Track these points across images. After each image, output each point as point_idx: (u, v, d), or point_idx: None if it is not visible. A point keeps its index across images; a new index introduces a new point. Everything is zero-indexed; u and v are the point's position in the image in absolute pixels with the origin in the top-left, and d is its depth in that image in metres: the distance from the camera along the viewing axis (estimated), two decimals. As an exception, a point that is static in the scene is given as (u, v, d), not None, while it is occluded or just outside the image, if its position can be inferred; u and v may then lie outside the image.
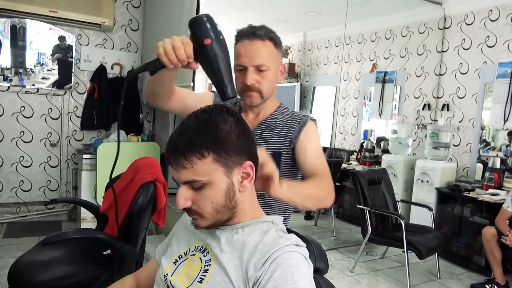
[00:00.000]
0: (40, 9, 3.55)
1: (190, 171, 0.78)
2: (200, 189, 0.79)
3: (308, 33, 5.92)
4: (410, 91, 4.47)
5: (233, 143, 0.79)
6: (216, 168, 0.78)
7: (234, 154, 0.80)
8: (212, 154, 0.78)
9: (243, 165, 0.82)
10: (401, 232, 2.94)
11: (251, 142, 0.84)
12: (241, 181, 0.82)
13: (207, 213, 0.81)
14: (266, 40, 1.20)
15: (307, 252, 0.82)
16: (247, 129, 0.84)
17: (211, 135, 0.77)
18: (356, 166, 4.55)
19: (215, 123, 0.79)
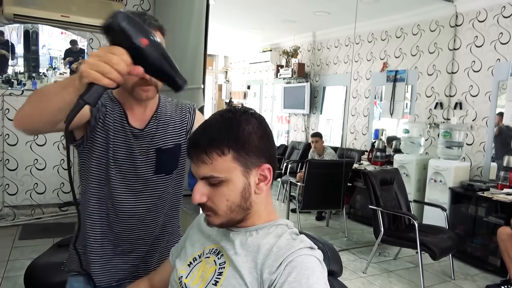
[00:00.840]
0: (52, 14, 3.60)
1: (209, 167, 0.79)
2: (217, 186, 0.80)
3: (318, 32, 5.90)
4: (422, 89, 4.43)
5: (254, 144, 0.80)
6: (235, 167, 0.80)
7: (253, 155, 0.80)
8: (232, 153, 0.79)
9: (261, 167, 0.82)
10: (414, 233, 2.91)
11: (271, 145, 0.85)
12: (257, 183, 0.83)
13: (221, 211, 0.82)
14: (157, 31, 1.06)
15: (321, 255, 0.81)
16: (269, 132, 0.85)
17: (233, 134, 0.79)
18: (368, 166, 4.52)
19: (238, 122, 0.80)
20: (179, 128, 1.20)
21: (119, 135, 1.10)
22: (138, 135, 1.13)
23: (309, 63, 6.09)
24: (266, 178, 0.83)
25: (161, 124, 1.16)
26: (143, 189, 1.16)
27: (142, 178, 1.14)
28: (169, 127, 1.18)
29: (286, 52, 6.31)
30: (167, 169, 1.18)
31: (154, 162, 1.14)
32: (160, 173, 1.16)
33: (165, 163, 1.17)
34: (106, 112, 1.08)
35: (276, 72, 6.58)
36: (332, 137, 5.81)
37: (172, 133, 1.18)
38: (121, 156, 1.12)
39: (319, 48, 5.95)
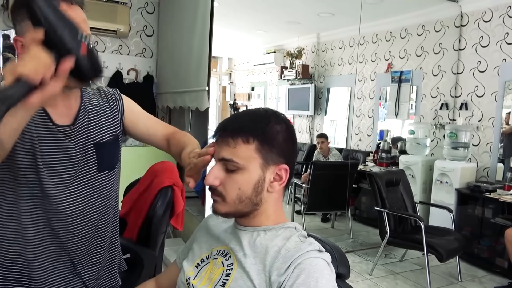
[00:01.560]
0: (57, 18, 3.62)
1: (231, 150, 0.81)
2: (232, 172, 0.82)
3: (322, 34, 5.89)
4: (427, 90, 4.40)
5: (278, 142, 0.83)
6: (255, 158, 0.81)
7: (275, 152, 0.83)
8: (256, 143, 0.81)
9: (279, 166, 0.84)
10: (421, 234, 2.89)
11: (293, 151, 0.87)
12: (272, 181, 0.84)
13: (230, 198, 0.82)
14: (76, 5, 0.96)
15: (329, 258, 0.81)
16: (294, 139, 0.88)
17: (262, 127, 0.82)
18: (373, 167, 4.50)
19: (268, 119, 0.84)
20: (111, 118, 1.11)
21: (47, 140, 0.96)
22: (70, 132, 1.00)
23: (313, 64, 6.08)
24: (281, 178, 0.85)
25: (92, 116, 1.05)
26: (90, 192, 1.05)
27: (86, 180, 1.03)
28: (102, 118, 1.08)
29: (290, 53, 6.31)
30: (110, 164, 1.09)
31: (95, 159, 1.04)
32: (104, 170, 1.07)
33: (107, 158, 1.07)
34: None
35: (280, 74, 6.58)
36: (337, 138, 5.80)
37: (107, 125, 1.09)
38: (56, 163, 0.98)
39: (323, 49, 5.95)
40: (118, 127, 1.12)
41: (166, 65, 3.99)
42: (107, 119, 1.09)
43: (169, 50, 3.89)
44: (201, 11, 3.08)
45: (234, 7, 4.61)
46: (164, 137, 1.20)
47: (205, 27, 2.99)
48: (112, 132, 1.09)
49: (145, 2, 4.15)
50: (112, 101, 1.12)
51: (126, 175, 3.29)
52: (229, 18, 5.02)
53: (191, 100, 3.28)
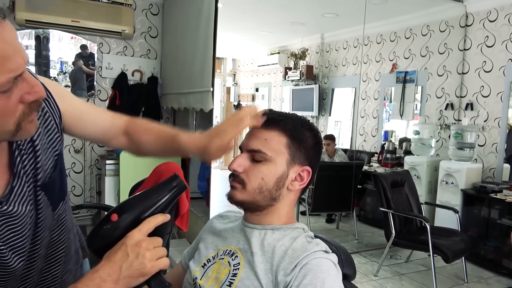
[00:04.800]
0: (63, 20, 3.64)
1: (261, 142, 0.84)
2: (258, 163, 0.84)
3: (326, 34, 5.88)
4: (432, 90, 4.38)
5: (308, 145, 0.86)
6: (283, 152, 0.84)
7: (303, 153, 0.85)
8: (288, 139, 0.84)
9: (303, 167, 0.86)
10: (426, 235, 2.88)
11: (318, 159, 0.90)
12: (293, 179, 0.86)
13: (250, 187, 0.84)
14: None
15: (336, 258, 0.81)
16: (321, 149, 0.91)
17: (296, 127, 0.85)
18: (378, 168, 4.48)
19: (302, 122, 0.88)
20: (48, 137, 0.80)
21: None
22: (9, 201, 0.71)
23: (318, 65, 6.07)
24: (302, 179, 0.87)
25: (25, 155, 0.74)
26: (56, 240, 0.85)
27: (44, 230, 0.79)
28: (38, 146, 0.77)
29: (294, 54, 6.30)
30: (63, 193, 0.85)
31: (47, 201, 0.79)
32: (58, 205, 0.83)
33: (58, 190, 0.83)
34: None
35: (284, 75, 6.57)
36: (341, 139, 5.78)
37: (46, 152, 0.79)
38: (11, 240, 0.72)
39: (327, 50, 5.94)
40: (58, 141, 0.83)
41: (171, 66, 4.00)
42: (44, 143, 0.79)
43: (174, 51, 3.90)
44: (205, 12, 3.08)
45: (238, 8, 4.61)
46: (123, 126, 0.95)
47: (209, 28, 3.00)
48: (54, 154, 0.81)
49: (149, 4, 4.16)
50: (44, 112, 0.79)
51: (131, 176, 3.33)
52: (233, 19, 5.02)
53: (195, 101, 3.29)
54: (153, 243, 0.67)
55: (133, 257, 0.64)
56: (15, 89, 0.60)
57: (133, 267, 0.64)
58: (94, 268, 0.65)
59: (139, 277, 0.65)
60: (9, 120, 0.62)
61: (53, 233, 0.83)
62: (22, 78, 0.61)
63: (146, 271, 0.65)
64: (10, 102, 0.60)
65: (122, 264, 0.64)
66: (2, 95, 0.59)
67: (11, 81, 0.59)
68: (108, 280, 0.63)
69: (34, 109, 0.66)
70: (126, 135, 0.95)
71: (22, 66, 0.60)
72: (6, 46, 0.58)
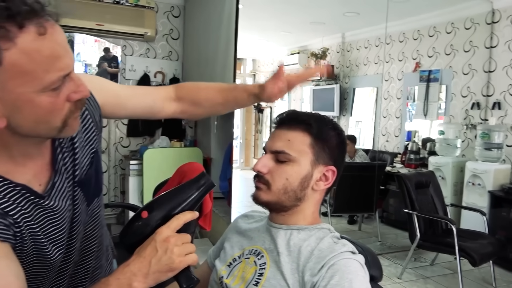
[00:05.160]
0: (87, 23, 3.73)
1: (285, 143, 0.84)
2: (282, 163, 0.84)
3: (347, 33, 5.83)
4: (457, 89, 4.28)
5: (332, 144, 0.86)
6: (307, 152, 0.84)
7: (327, 153, 0.85)
8: (311, 139, 0.84)
9: (328, 167, 0.86)
10: (452, 238, 2.80)
11: (342, 158, 0.90)
12: (318, 180, 0.86)
13: (275, 187, 0.84)
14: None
15: (363, 259, 0.80)
16: (345, 149, 0.91)
17: (320, 127, 0.85)
18: (401, 168, 4.41)
19: (326, 122, 0.87)
20: (86, 135, 0.83)
21: (39, 219, 0.73)
22: (50, 196, 0.74)
23: (338, 64, 6.02)
24: (327, 179, 0.86)
25: (66, 153, 0.78)
26: (89, 235, 0.88)
27: (79, 225, 0.82)
28: (76, 144, 0.80)
29: (314, 54, 6.26)
30: (98, 190, 0.88)
31: (82, 196, 0.82)
32: (93, 201, 0.86)
33: (93, 187, 0.85)
34: (20, 227, 0.68)
35: (304, 75, 6.54)
36: (363, 139, 5.71)
37: (84, 150, 0.82)
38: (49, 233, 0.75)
39: (348, 49, 5.87)
40: (95, 139, 0.86)
41: (192, 67, 4.04)
42: (82, 141, 0.82)
43: (195, 53, 3.94)
44: (226, 13, 3.10)
45: (258, 9, 4.62)
46: (167, 97, 0.98)
47: (230, 29, 3.01)
48: (91, 152, 0.84)
49: (171, 6, 4.22)
50: (83, 111, 0.81)
51: (154, 176, 3.38)
52: (254, 20, 5.03)
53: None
54: (182, 239, 0.69)
55: (162, 252, 0.66)
56: (63, 87, 0.64)
57: (162, 262, 0.66)
58: (125, 263, 0.67)
59: (167, 272, 0.67)
60: (57, 117, 0.65)
61: (87, 228, 0.86)
62: (70, 78, 0.65)
63: (175, 266, 0.67)
64: (59, 100, 0.64)
65: (151, 259, 0.66)
66: (52, 93, 0.62)
67: (61, 80, 0.63)
68: (138, 274, 0.65)
69: (79, 107, 0.69)
70: (178, 101, 0.99)
71: (70, 66, 0.64)
72: (58, 47, 0.62)
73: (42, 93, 0.61)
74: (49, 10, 0.62)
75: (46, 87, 0.61)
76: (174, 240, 0.67)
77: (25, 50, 0.57)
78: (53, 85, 0.62)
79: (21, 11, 0.56)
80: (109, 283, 0.65)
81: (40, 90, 0.61)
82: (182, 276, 0.69)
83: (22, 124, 0.63)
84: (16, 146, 0.68)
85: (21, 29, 0.57)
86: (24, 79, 0.59)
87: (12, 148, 0.68)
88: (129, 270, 0.66)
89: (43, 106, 0.62)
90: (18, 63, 0.57)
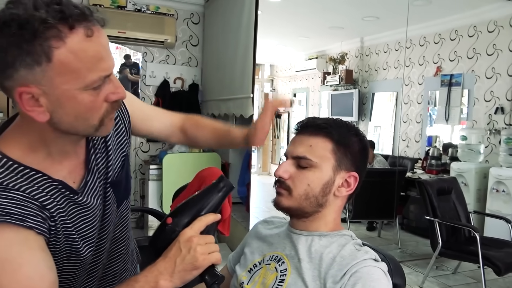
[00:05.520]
0: (110, 31, 3.81)
1: (306, 148, 0.84)
2: (304, 169, 0.84)
3: (366, 38, 5.78)
4: (480, 94, 4.18)
5: (354, 150, 0.85)
6: (329, 158, 0.84)
7: (349, 158, 0.85)
8: (333, 145, 0.84)
9: (350, 173, 0.85)
10: (476, 246, 2.73)
11: (365, 164, 0.90)
12: (340, 186, 0.85)
13: (297, 193, 0.84)
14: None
15: (386, 267, 0.80)
16: (367, 154, 0.91)
17: (342, 133, 0.85)
18: (422, 174, 4.33)
19: (348, 128, 0.87)
20: (118, 139, 0.88)
21: (73, 215, 0.76)
22: (83, 193, 0.78)
23: (357, 69, 5.97)
24: (349, 185, 0.86)
25: (99, 154, 0.83)
26: (118, 236, 0.92)
27: (109, 224, 0.86)
28: (110, 146, 0.85)
29: (333, 59, 6.23)
30: (127, 193, 0.94)
31: (114, 197, 0.86)
32: (122, 203, 0.90)
33: (123, 189, 0.90)
34: (56, 220, 0.71)
35: (322, 79, 6.52)
36: (382, 144, 5.64)
37: (116, 153, 0.87)
38: (87, 231, 0.79)
39: (367, 53, 5.83)
40: (126, 144, 0.91)
41: (211, 73, 4.08)
42: (114, 145, 0.87)
43: (214, 59, 3.98)
44: (245, 19, 3.13)
45: (276, 14, 4.63)
46: (177, 125, 1.06)
47: (249, 35, 3.03)
48: (122, 157, 0.89)
49: (190, 13, 4.28)
50: (115, 117, 0.84)
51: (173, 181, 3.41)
52: (272, 26, 5.05)
53: (235, 107, 3.33)
54: (205, 239, 0.71)
55: (186, 252, 0.69)
56: (103, 88, 0.68)
57: (186, 260, 0.68)
58: (152, 264, 0.71)
59: (192, 270, 0.69)
60: (95, 115, 0.69)
61: (116, 229, 0.90)
62: (109, 79, 0.69)
63: (198, 264, 0.69)
64: (98, 99, 0.68)
65: (176, 259, 0.69)
66: (93, 91, 0.66)
67: (102, 80, 0.67)
68: (164, 273, 0.69)
69: (115, 108, 0.73)
70: (182, 131, 1.06)
71: (111, 68, 0.69)
72: (102, 49, 0.66)
73: (84, 91, 0.65)
74: (96, 16, 0.66)
75: (88, 85, 0.65)
76: (196, 239, 0.70)
77: (73, 49, 0.61)
78: (94, 84, 0.65)
79: (73, 14, 0.61)
80: (138, 280, 0.69)
81: (83, 88, 0.65)
82: (207, 274, 0.71)
83: (63, 119, 0.67)
84: (55, 143, 0.72)
85: (72, 30, 0.61)
86: (69, 77, 0.63)
87: (51, 145, 0.72)
88: (156, 269, 0.69)
89: (84, 103, 0.66)
90: (66, 61, 0.61)
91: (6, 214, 0.62)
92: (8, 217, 0.62)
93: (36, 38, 0.59)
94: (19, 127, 0.72)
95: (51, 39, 0.60)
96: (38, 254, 0.66)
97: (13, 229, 0.63)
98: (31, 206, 0.66)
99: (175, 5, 4.15)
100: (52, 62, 0.61)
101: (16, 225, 0.63)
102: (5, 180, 0.65)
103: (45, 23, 0.59)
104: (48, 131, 0.69)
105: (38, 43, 0.59)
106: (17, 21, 0.58)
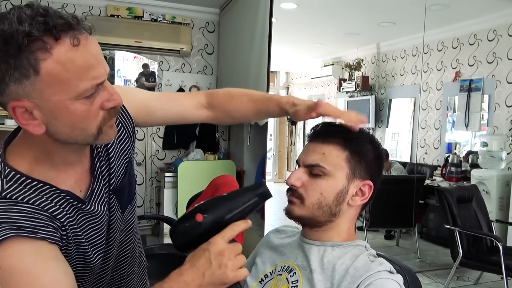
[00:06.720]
0: (127, 41, 3.89)
1: (319, 156, 0.82)
2: (317, 177, 0.82)
3: (382, 44, 5.73)
4: (501, 99, 4.07)
5: (369, 158, 0.83)
6: (343, 166, 0.82)
7: (363, 167, 0.83)
8: (347, 153, 0.82)
9: (364, 182, 0.83)
10: (498, 256, 2.64)
11: (379, 172, 0.87)
12: (354, 194, 0.83)
13: (309, 202, 0.82)
14: None
15: (401, 280, 0.77)
16: (382, 162, 0.88)
17: (356, 140, 0.83)
18: (441, 182, 4.23)
19: (364, 136, 0.85)
20: (121, 146, 0.87)
21: (82, 224, 0.77)
22: (90, 201, 0.79)
23: (374, 75, 5.91)
24: (363, 194, 0.84)
25: (103, 162, 0.83)
26: (123, 241, 0.92)
27: (116, 230, 0.86)
28: (111, 154, 0.84)
29: (348, 65, 6.19)
30: (131, 198, 0.92)
31: (117, 204, 0.86)
32: (126, 208, 0.90)
33: (126, 195, 0.89)
34: (68, 232, 0.73)
35: (338, 86, 6.47)
36: (400, 151, 5.54)
37: (118, 160, 0.86)
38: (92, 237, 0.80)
39: (383, 59, 5.76)
40: (129, 149, 0.90)
41: (226, 81, 4.10)
42: (118, 151, 0.86)
43: (229, 67, 4.00)
44: (259, 27, 3.14)
45: (291, 21, 4.64)
46: (199, 105, 1.01)
47: (263, 43, 3.04)
48: (125, 162, 0.88)
49: (206, 22, 4.32)
50: (117, 123, 0.83)
51: (187, 188, 3.42)
52: (286, 33, 5.06)
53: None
54: (235, 251, 0.68)
55: (216, 266, 0.66)
56: (97, 96, 0.67)
57: (215, 276, 0.66)
58: (178, 271, 0.68)
59: (220, 285, 0.67)
60: (92, 124, 0.68)
61: (122, 234, 0.90)
62: (103, 87, 0.68)
63: (228, 282, 0.67)
64: (93, 107, 0.67)
65: (205, 271, 0.66)
66: (86, 100, 0.66)
67: (94, 88, 0.66)
68: (191, 285, 0.66)
69: (113, 115, 0.72)
70: (209, 108, 1.01)
71: (103, 76, 0.67)
72: (91, 57, 0.65)
73: (76, 101, 0.65)
74: (84, 24, 0.65)
75: (80, 94, 0.64)
76: (228, 253, 0.67)
77: (60, 60, 0.61)
78: (86, 93, 0.65)
79: (57, 24, 0.60)
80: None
81: (74, 98, 0.64)
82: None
83: (59, 130, 0.67)
84: (57, 153, 0.72)
85: (57, 41, 0.61)
86: (59, 87, 0.63)
87: (53, 155, 0.72)
88: (182, 280, 0.66)
89: (78, 113, 0.66)
90: (54, 72, 0.61)
91: (18, 228, 0.63)
92: (20, 230, 0.63)
93: (21, 51, 0.59)
94: (23, 140, 0.73)
95: (37, 51, 0.60)
96: (53, 263, 0.66)
97: (26, 242, 0.64)
98: (41, 217, 0.67)
99: (191, 14, 4.21)
100: (40, 74, 0.61)
101: (28, 238, 0.64)
102: (14, 194, 0.66)
103: (30, 36, 0.59)
104: (48, 142, 0.69)
105: (24, 57, 0.59)
106: (2, 37, 0.59)
